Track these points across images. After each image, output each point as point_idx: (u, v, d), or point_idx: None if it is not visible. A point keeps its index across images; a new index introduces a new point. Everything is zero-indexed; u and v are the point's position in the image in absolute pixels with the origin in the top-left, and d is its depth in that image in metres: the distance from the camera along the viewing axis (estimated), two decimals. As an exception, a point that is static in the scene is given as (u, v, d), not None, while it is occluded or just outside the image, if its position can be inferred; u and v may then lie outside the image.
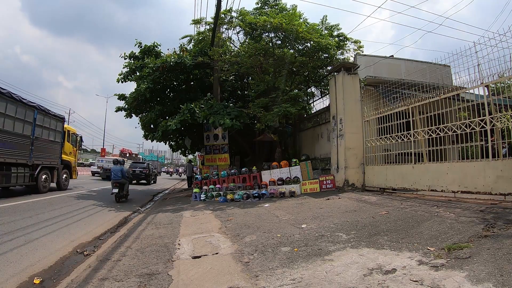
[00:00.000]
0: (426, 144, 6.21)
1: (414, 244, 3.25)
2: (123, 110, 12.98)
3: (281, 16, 9.89)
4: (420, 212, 4.64)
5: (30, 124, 9.88)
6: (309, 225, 4.55)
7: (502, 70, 4.90)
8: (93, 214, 7.42)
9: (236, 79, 14.28)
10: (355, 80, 8.34)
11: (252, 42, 10.76)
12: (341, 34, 12.70)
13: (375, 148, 7.62)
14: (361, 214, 5.02)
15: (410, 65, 9.40)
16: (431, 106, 5.99)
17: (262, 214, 5.85)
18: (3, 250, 4.06)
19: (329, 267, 2.82)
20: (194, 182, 11.24)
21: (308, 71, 11.56)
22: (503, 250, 2.71)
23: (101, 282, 2.89)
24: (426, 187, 6.07)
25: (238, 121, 9.61)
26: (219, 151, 11.85)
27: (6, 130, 8.69)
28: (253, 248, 3.62)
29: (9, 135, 8.86)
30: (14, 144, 9.11)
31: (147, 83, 10.96)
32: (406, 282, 2.34)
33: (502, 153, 5.30)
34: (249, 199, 8.13)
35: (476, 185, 5.09)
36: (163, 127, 9.94)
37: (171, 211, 7.30)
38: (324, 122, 10.62)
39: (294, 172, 8.84)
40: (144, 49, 13.01)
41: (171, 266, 3.23)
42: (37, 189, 10.39)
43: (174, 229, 5.09)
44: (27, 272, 3.43)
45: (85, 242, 4.92)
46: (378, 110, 7.53)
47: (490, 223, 3.63)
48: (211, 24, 11.79)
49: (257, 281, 2.64)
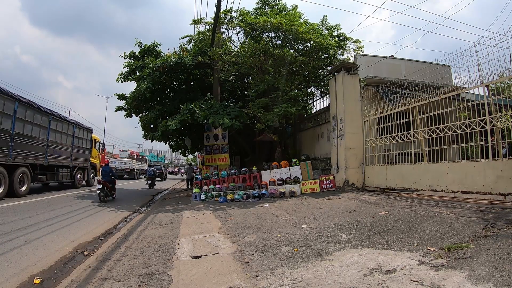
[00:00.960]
0: (426, 144, 6.21)
1: (414, 244, 3.25)
2: (123, 110, 12.99)
3: (281, 16, 9.88)
4: (420, 212, 4.64)
5: (71, 136, 13.34)
6: (309, 225, 4.55)
7: (502, 70, 4.90)
8: (93, 214, 7.43)
9: (236, 79, 14.27)
10: (355, 80, 8.34)
11: (252, 42, 10.75)
12: (341, 34, 12.69)
13: (375, 148, 7.62)
14: (361, 214, 5.02)
15: (410, 65, 9.39)
16: (431, 106, 5.99)
17: (262, 214, 5.85)
18: (3, 250, 4.06)
19: (329, 267, 2.82)
20: (194, 182, 11.25)
21: (308, 71, 11.55)
22: (503, 250, 2.71)
23: (101, 282, 2.89)
24: (426, 187, 6.07)
25: (238, 121, 9.61)
26: (219, 151, 11.85)
27: (57, 142, 12.10)
28: (253, 248, 3.62)
29: (59, 145, 12.26)
30: (62, 151, 12.46)
31: (147, 83, 10.96)
32: (406, 282, 2.34)
33: (502, 153, 5.30)
34: (249, 199, 8.13)
35: (476, 185, 5.09)
36: (163, 127, 9.94)
37: (171, 211, 7.30)
38: (324, 122, 10.62)
39: (294, 172, 8.84)
40: (144, 49, 13.00)
41: (171, 266, 3.23)
42: (74, 184, 13.54)
43: (174, 229, 5.09)
44: (27, 272, 3.43)
45: (85, 242, 4.92)
46: (378, 110, 7.52)
47: (490, 223, 3.63)
48: (211, 24, 11.78)
49: (257, 281, 2.64)
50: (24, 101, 9.71)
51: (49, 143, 11.30)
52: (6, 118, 8.81)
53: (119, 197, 11.27)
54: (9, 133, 8.92)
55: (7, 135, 8.84)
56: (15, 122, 9.16)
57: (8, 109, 8.86)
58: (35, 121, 10.36)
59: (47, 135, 11.19)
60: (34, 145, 10.38)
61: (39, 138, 10.66)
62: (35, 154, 10.41)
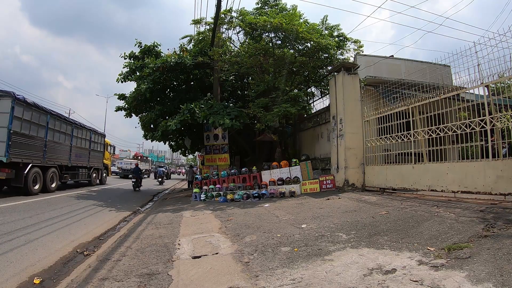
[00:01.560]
0: (426, 144, 6.21)
1: (414, 244, 3.25)
2: (123, 109, 12.99)
3: (281, 16, 9.88)
4: (420, 212, 4.64)
5: (88, 141, 15.34)
6: (309, 225, 4.55)
7: (502, 70, 4.90)
8: (93, 214, 7.43)
9: (236, 79, 14.26)
10: (355, 80, 8.34)
11: (252, 42, 10.75)
12: (341, 34, 12.69)
13: (375, 148, 7.62)
14: (361, 214, 5.02)
15: (410, 65, 9.39)
16: (431, 106, 5.98)
17: (262, 214, 5.85)
18: (3, 250, 4.06)
19: (329, 267, 2.82)
20: (194, 182, 11.26)
21: (308, 71, 11.55)
22: (503, 250, 2.71)
23: (101, 282, 2.89)
24: (426, 187, 6.07)
25: (238, 121, 9.61)
26: (219, 151, 11.85)
27: (78, 146, 14.07)
28: (253, 248, 3.62)
29: (80, 149, 14.30)
30: (81, 154, 14.51)
31: (147, 83, 10.96)
32: (406, 282, 2.34)
33: (502, 153, 5.30)
34: (249, 199, 8.13)
35: (476, 185, 5.09)
36: (163, 127, 9.94)
37: (171, 211, 7.30)
38: (324, 122, 10.62)
39: (294, 172, 8.84)
40: (144, 49, 13.01)
41: (171, 266, 3.23)
42: (90, 183, 15.65)
43: (174, 229, 5.09)
44: (27, 272, 3.43)
45: (85, 242, 4.92)
46: (378, 110, 7.52)
47: (490, 223, 3.63)
48: (211, 24, 11.78)
49: (257, 281, 2.64)
50: (54, 113, 11.84)
51: (72, 148, 13.37)
52: (41, 128, 10.89)
53: (119, 197, 11.35)
54: (43, 140, 11.01)
55: (42, 142, 10.94)
56: (48, 132, 11.25)
57: (42, 121, 10.92)
58: (61, 130, 12.49)
59: (70, 141, 13.29)
60: (61, 149, 12.45)
61: (64, 143, 12.78)
62: (61, 157, 12.45)
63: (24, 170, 9.59)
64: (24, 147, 9.79)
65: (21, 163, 9.57)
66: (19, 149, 9.48)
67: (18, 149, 9.45)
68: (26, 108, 9.85)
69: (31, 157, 10.11)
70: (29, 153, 10.06)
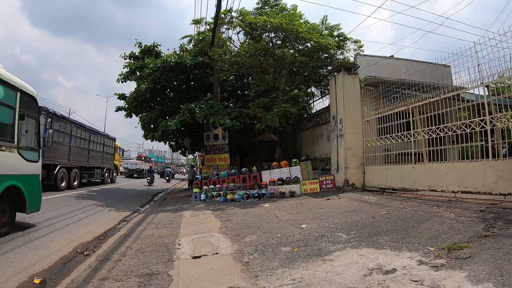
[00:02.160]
0: (426, 144, 6.21)
1: (414, 244, 3.25)
2: (123, 110, 13.01)
3: (281, 16, 9.89)
4: (420, 212, 4.64)
5: (102, 144, 17.42)
6: (309, 225, 4.55)
7: (502, 70, 4.91)
8: (93, 214, 7.43)
9: (236, 79, 14.27)
10: (355, 80, 8.34)
11: (252, 42, 10.75)
12: (341, 34, 12.69)
13: (375, 148, 7.62)
14: (361, 214, 5.02)
15: (410, 65, 9.38)
16: (431, 106, 5.99)
17: (262, 214, 5.85)
18: (3, 250, 4.05)
19: (329, 267, 2.82)
20: (194, 182, 11.26)
21: (308, 71, 11.55)
22: (503, 250, 2.71)
23: (101, 282, 2.88)
24: (426, 187, 6.07)
25: (238, 121, 9.61)
26: (219, 151, 11.84)
27: (94, 149, 16.21)
28: (253, 248, 3.62)
29: (95, 152, 16.35)
30: (97, 156, 16.56)
31: (147, 83, 10.96)
32: (406, 282, 2.34)
33: (502, 153, 5.30)
34: (249, 199, 8.13)
35: (476, 185, 5.09)
36: (163, 127, 9.94)
37: (171, 211, 7.30)
38: (324, 122, 10.62)
39: (294, 172, 8.84)
40: (144, 49, 12.99)
41: (171, 266, 3.23)
42: (103, 181, 17.42)
43: (174, 229, 5.09)
44: (27, 272, 3.43)
45: (85, 242, 4.92)
46: (378, 110, 7.52)
47: (490, 223, 3.63)
48: (211, 24, 11.78)
49: (257, 281, 2.64)
50: (76, 123, 14.44)
51: (89, 151, 15.47)
52: (67, 136, 13.03)
53: (119, 197, 11.39)
54: (68, 145, 13.14)
55: (67, 147, 13.05)
56: (72, 138, 13.41)
57: (67, 129, 13.12)
58: (82, 136, 14.70)
59: (88, 145, 15.43)
60: (81, 152, 14.60)
61: (84, 147, 14.96)
62: (82, 159, 14.60)
63: (54, 171, 11.47)
64: (54, 152, 11.78)
65: (52, 164, 11.37)
66: (50, 153, 11.37)
67: (50, 153, 11.34)
68: (55, 119, 12.00)
69: (59, 159, 12.06)
70: (58, 156, 12.04)
